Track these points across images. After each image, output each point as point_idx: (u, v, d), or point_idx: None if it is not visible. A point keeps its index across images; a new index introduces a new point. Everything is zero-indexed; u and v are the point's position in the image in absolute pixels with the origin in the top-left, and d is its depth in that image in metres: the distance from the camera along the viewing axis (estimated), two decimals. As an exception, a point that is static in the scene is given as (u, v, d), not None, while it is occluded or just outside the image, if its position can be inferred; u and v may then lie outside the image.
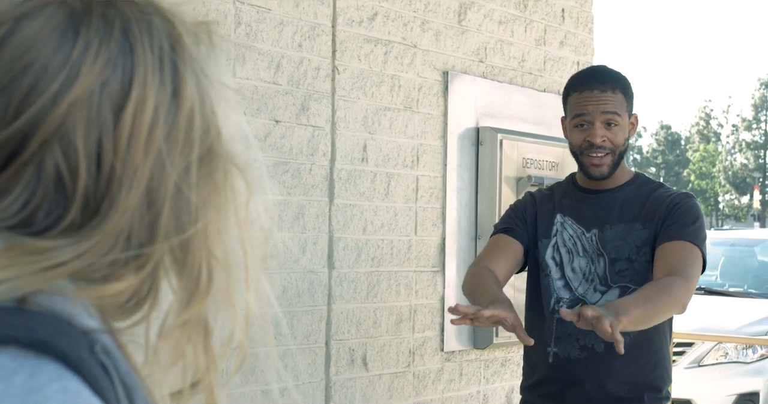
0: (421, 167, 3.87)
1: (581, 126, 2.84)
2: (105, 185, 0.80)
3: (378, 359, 3.68)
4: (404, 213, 3.78)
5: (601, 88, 2.82)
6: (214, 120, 0.86)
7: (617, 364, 2.78)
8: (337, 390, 3.51)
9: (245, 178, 0.87)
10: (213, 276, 0.85)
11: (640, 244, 2.80)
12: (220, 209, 0.85)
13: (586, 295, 2.83)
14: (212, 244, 0.85)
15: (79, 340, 0.77)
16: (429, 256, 3.90)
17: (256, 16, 3.25)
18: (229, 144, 0.87)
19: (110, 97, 0.80)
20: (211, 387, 0.86)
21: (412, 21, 3.83)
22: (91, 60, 0.80)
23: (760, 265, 9.46)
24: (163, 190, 0.82)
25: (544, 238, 2.93)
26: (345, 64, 3.56)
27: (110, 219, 0.80)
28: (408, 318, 3.80)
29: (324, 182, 3.47)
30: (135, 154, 0.80)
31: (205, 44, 0.88)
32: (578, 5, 4.71)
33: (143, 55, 0.82)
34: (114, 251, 0.80)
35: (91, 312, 0.81)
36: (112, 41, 0.82)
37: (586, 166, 2.85)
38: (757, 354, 7.33)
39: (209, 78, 0.86)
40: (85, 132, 0.80)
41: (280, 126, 3.31)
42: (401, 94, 3.78)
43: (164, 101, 0.83)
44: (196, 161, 0.84)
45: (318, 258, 3.44)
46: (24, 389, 0.72)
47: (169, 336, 0.83)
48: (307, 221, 3.40)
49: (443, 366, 3.96)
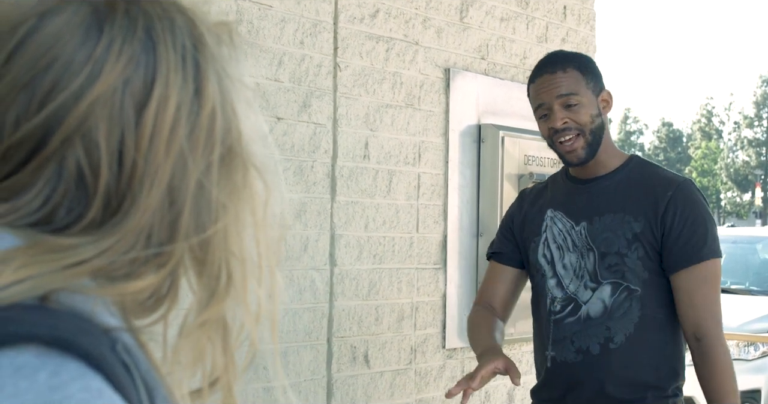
0: (423, 164, 3.86)
1: (545, 117, 2.75)
2: (126, 183, 0.80)
3: (380, 356, 3.68)
4: (406, 211, 3.78)
5: (550, 70, 2.72)
6: (235, 120, 0.86)
7: (614, 366, 2.68)
8: (338, 388, 3.51)
9: (264, 179, 0.87)
10: (233, 276, 0.85)
11: (631, 238, 2.67)
12: (240, 209, 0.85)
13: (577, 293, 2.73)
14: (232, 244, 0.85)
15: (101, 339, 0.77)
16: (431, 253, 3.89)
17: (257, 13, 3.25)
18: (248, 144, 0.87)
19: (133, 94, 0.80)
20: (230, 386, 0.86)
21: (413, 18, 3.83)
22: (114, 57, 0.80)
23: (762, 262, 9.46)
24: (184, 188, 0.82)
25: (535, 237, 2.84)
26: (347, 61, 3.56)
27: (131, 217, 0.80)
28: (410, 316, 3.80)
29: (326, 179, 3.47)
30: (157, 152, 0.80)
31: (226, 44, 0.88)
32: (580, 2, 4.70)
33: (166, 53, 0.82)
34: (135, 249, 0.80)
35: (112, 311, 0.81)
36: (135, 39, 0.82)
37: (562, 155, 2.75)
38: (759, 352, 7.33)
39: (231, 77, 0.86)
40: (107, 129, 0.80)
41: (281, 123, 3.31)
42: (403, 91, 3.78)
43: (186, 100, 0.82)
44: (217, 160, 0.84)
45: (320, 255, 3.44)
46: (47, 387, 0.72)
47: (190, 336, 0.83)
48: (309, 218, 3.40)
49: (445, 364, 3.96)
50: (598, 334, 2.71)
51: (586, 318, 2.72)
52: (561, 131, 2.70)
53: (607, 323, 2.70)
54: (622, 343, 2.69)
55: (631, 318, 2.69)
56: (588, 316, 2.72)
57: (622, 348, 2.69)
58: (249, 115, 0.87)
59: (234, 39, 0.89)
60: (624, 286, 2.68)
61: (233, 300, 0.85)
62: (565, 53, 2.86)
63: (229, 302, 0.85)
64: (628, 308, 2.68)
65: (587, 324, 2.72)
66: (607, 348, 2.69)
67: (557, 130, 2.71)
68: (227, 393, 0.86)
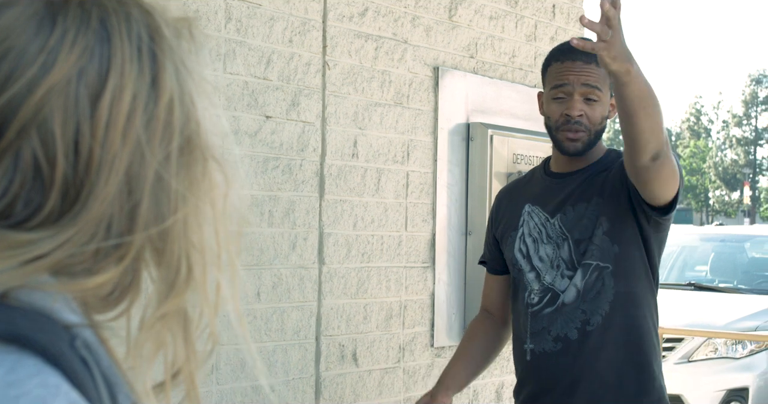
0: (412, 163, 3.87)
1: (560, 98, 2.70)
2: (83, 172, 0.80)
3: (368, 355, 3.68)
4: (394, 209, 3.78)
5: (585, 59, 2.67)
6: (193, 111, 0.86)
7: (594, 348, 2.66)
8: (327, 386, 3.51)
9: (223, 171, 0.87)
10: (193, 268, 0.84)
11: (595, 218, 2.67)
12: (199, 200, 0.85)
13: (554, 283, 2.72)
14: (192, 235, 0.85)
15: (60, 335, 0.77)
16: (419, 252, 3.90)
17: (246, 12, 3.24)
18: (207, 136, 0.86)
19: (88, 85, 0.81)
20: (192, 377, 0.86)
21: (402, 16, 3.83)
22: (67, 48, 0.80)
23: (750, 261, 9.48)
24: (142, 178, 0.82)
25: (512, 232, 2.85)
26: (335, 59, 3.55)
27: (90, 207, 0.80)
28: (398, 314, 3.80)
29: (314, 178, 3.47)
30: (113, 141, 0.80)
31: (185, 38, 0.88)
32: (569, 1, 4.71)
33: (121, 44, 0.82)
34: (95, 240, 0.80)
35: (73, 307, 0.81)
36: (89, 30, 0.82)
37: (561, 141, 2.72)
38: (747, 350, 7.35)
39: (189, 70, 0.86)
40: (62, 119, 0.79)
41: (270, 121, 3.31)
42: (392, 89, 3.78)
43: (143, 90, 0.82)
44: (176, 151, 0.84)
45: (308, 254, 3.44)
46: (3, 383, 0.72)
47: (151, 329, 0.83)
48: (297, 217, 3.40)
49: (433, 362, 3.96)
50: (575, 319, 2.69)
51: (561, 305, 2.71)
52: (574, 122, 2.68)
53: (582, 306, 2.68)
54: (599, 324, 2.67)
55: (605, 297, 2.67)
56: (563, 304, 2.71)
57: (600, 329, 2.67)
58: (208, 107, 0.87)
59: (194, 33, 0.89)
60: (594, 266, 2.66)
61: (193, 291, 0.85)
62: None
63: (189, 294, 0.85)
64: (601, 287, 2.67)
65: (562, 311, 2.71)
66: (584, 332, 2.67)
67: (570, 119, 2.69)
68: (190, 384, 0.86)
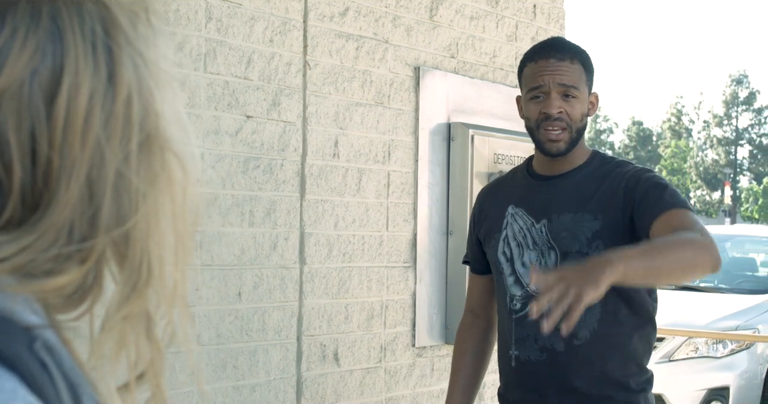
0: (393, 163, 3.87)
1: (537, 98, 2.67)
2: (42, 179, 0.77)
3: (349, 354, 3.68)
4: (375, 209, 3.78)
5: (558, 56, 2.65)
6: (152, 104, 0.82)
7: (580, 363, 2.64)
8: (308, 386, 3.51)
9: (182, 165, 0.84)
10: (153, 267, 0.82)
11: (591, 237, 2.62)
12: (159, 196, 0.83)
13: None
14: (153, 232, 0.82)
15: (18, 337, 0.75)
16: (400, 252, 3.90)
17: (227, 11, 3.23)
18: (167, 129, 0.83)
19: (41, 86, 0.77)
20: (157, 378, 0.84)
21: (383, 16, 3.83)
22: (18, 48, 0.77)
23: (731, 261, 9.52)
24: (103, 180, 0.79)
25: (496, 233, 2.80)
26: (316, 59, 3.55)
27: (51, 213, 0.77)
28: (379, 314, 3.80)
29: (295, 178, 3.46)
30: (72, 145, 0.77)
31: (143, 24, 0.84)
32: (550, 1, 4.72)
33: (74, 41, 0.79)
34: (56, 245, 0.78)
35: (35, 308, 0.79)
36: (39, 28, 0.78)
37: (542, 142, 2.68)
38: (728, 349, 7.38)
39: (147, 61, 0.83)
40: (16, 124, 0.76)
41: (251, 121, 3.30)
42: (373, 89, 3.78)
43: (99, 87, 0.79)
44: (135, 149, 0.81)
45: (289, 253, 3.44)
46: None
47: (113, 329, 0.81)
48: (278, 217, 3.40)
49: (415, 362, 3.96)
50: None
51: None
52: (554, 119, 2.64)
53: None
54: (586, 339, 2.64)
55: (593, 314, 2.64)
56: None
57: (587, 344, 2.64)
58: (167, 98, 0.84)
59: (151, 18, 0.84)
60: None
61: (154, 289, 0.83)
62: (573, 44, 2.75)
63: (151, 292, 0.83)
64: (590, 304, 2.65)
65: None
66: (571, 345, 2.65)
67: (549, 117, 2.64)
68: (155, 385, 0.84)
